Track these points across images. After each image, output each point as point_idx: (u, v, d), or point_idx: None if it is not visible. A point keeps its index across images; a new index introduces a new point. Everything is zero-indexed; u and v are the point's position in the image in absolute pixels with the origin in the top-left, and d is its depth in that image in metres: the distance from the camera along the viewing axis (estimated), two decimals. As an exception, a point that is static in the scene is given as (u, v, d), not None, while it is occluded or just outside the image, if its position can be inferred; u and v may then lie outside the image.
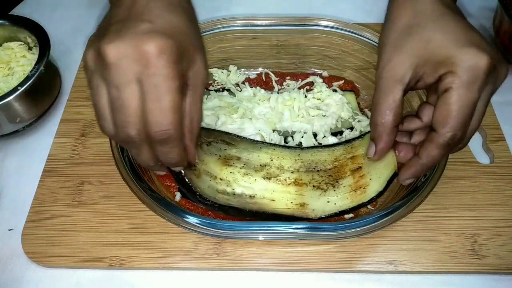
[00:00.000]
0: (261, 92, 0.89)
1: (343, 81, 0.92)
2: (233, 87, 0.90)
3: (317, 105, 0.86)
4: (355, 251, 0.73)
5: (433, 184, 0.67)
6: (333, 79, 0.92)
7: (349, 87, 0.91)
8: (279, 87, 0.92)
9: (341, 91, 0.88)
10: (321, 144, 0.81)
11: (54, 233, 0.75)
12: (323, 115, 0.84)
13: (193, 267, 0.72)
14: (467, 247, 0.73)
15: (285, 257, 0.72)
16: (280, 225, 0.65)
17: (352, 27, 0.87)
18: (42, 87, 0.86)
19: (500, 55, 0.57)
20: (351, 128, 0.84)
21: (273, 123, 0.83)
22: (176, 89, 0.49)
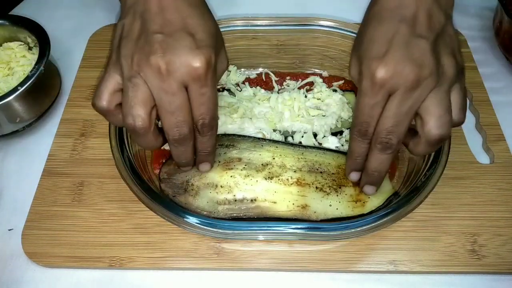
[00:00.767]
0: (261, 92, 0.89)
1: (343, 81, 0.92)
2: (233, 87, 0.90)
3: (317, 105, 0.86)
4: (355, 251, 0.73)
5: (433, 184, 0.68)
6: (333, 79, 0.92)
7: (349, 87, 0.91)
8: (279, 87, 0.92)
9: (341, 91, 0.88)
10: (321, 144, 0.81)
11: (54, 233, 0.75)
12: (323, 115, 0.84)
13: (193, 267, 0.72)
14: (467, 247, 0.73)
15: (285, 257, 0.72)
16: (280, 225, 0.66)
17: (352, 27, 0.87)
18: (42, 87, 0.86)
19: (434, 67, 0.56)
20: (351, 128, 0.84)
21: (273, 123, 0.83)
22: (216, 91, 0.61)
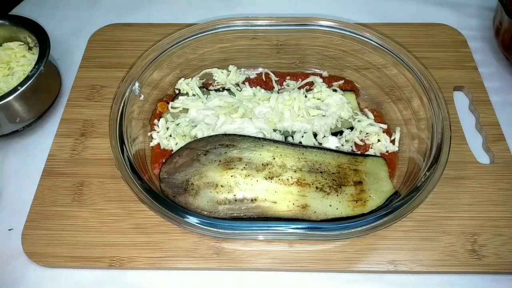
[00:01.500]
0: (261, 92, 0.89)
1: (343, 81, 0.91)
2: (233, 87, 0.90)
3: (317, 105, 0.86)
4: (355, 251, 0.73)
5: (433, 184, 0.68)
6: (333, 79, 0.92)
7: (349, 87, 0.91)
8: (279, 87, 0.92)
9: (341, 91, 0.88)
10: (321, 144, 0.81)
11: (54, 233, 0.75)
12: (323, 115, 0.84)
13: (193, 267, 0.72)
14: (467, 247, 0.73)
15: (285, 257, 0.72)
16: (280, 225, 0.66)
17: (352, 27, 0.87)
18: (42, 87, 0.86)
19: None
20: (351, 128, 0.84)
21: (273, 123, 0.83)
22: None
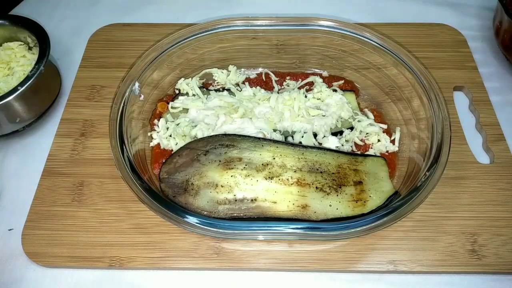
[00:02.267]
0: (261, 92, 0.89)
1: (343, 81, 0.91)
2: (233, 87, 0.90)
3: (317, 105, 0.86)
4: (355, 251, 0.73)
5: (433, 184, 0.67)
6: (333, 79, 0.92)
7: (349, 87, 0.91)
8: (279, 87, 0.92)
9: (341, 91, 0.88)
10: (321, 144, 0.81)
11: (54, 233, 0.75)
12: (323, 115, 0.84)
13: (193, 267, 0.72)
14: (467, 247, 0.73)
15: (285, 257, 0.72)
16: (280, 225, 0.66)
17: (352, 27, 0.87)
18: (42, 87, 0.86)
19: None
20: (351, 128, 0.84)
21: (273, 123, 0.83)
22: None
